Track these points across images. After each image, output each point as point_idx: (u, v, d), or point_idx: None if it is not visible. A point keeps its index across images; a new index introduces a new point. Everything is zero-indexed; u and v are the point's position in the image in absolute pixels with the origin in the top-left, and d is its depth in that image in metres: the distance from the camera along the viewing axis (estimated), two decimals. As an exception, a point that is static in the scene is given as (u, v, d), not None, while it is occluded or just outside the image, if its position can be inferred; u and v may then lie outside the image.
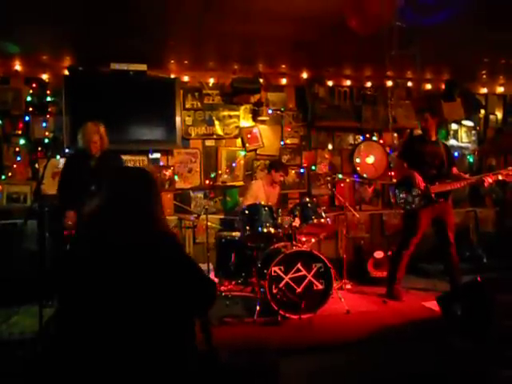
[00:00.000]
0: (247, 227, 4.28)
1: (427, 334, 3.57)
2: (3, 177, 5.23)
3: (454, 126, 6.68)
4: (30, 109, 5.31)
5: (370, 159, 6.21)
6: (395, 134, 6.34)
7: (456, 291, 4.00)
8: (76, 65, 5.24)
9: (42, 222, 3.81)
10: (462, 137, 6.73)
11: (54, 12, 3.92)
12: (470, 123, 6.70)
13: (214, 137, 5.79)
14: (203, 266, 5.02)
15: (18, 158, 5.28)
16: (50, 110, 5.35)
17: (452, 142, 6.63)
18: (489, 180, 4.45)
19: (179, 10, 3.98)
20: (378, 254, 5.39)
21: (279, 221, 4.40)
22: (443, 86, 6.31)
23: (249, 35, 4.58)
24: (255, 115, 5.86)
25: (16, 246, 5.02)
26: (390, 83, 6.28)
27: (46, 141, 5.28)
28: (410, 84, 6.40)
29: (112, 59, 5.14)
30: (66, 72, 5.24)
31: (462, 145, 6.74)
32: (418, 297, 4.68)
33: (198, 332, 2.96)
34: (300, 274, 4.02)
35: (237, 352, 3.19)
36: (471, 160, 6.76)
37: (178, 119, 5.45)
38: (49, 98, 5.35)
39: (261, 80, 5.71)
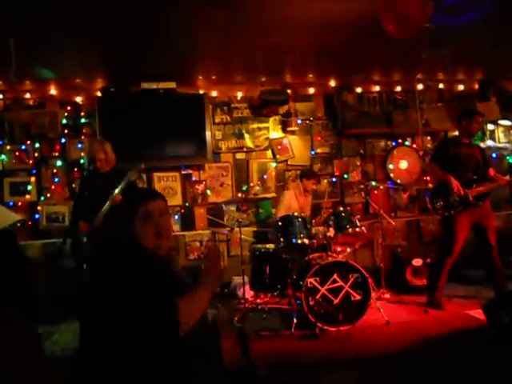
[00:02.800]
0: (281, 239, 4.25)
1: (472, 344, 3.42)
2: (42, 198, 5.41)
3: (490, 127, 6.47)
4: (66, 131, 5.49)
5: (404, 165, 6.09)
6: (428, 138, 6.19)
7: (502, 298, 3.82)
8: (108, 86, 5.40)
9: (77, 241, 3.91)
10: (499, 137, 6.51)
11: (86, 36, 4.06)
12: (507, 122, 6.47)
13: (245, 150, 5.81)
14: (238, 279, 5.02)
15: (56, 179, 5.46)
16: (84, 131, 5.52)
17: (489, 142, 6.42)
18: None
19: (205, 26, 4.04)
20: (417, 262, 5.24)
21: (313, 231, 4.35)
22: (476, 86, 6.16)
23: (275, 46, 4.59)
24: (284, 126, 5.86)
25: (56, 264, 5.16)
26: (420, 86, 6.16)
27: (82, 161, 5.43)
28: (441, 86, 6.26)
29: (142, 79, 5.28)
30: (99, 94, 5.40)
31: (500, 145, 6.51)
32: (461, 305, 4.51)
33: (234, 346, 2.96)
34: (337, 284, 3.95)
35: (275, 366, 3.15)
36: (511, 160, 6.52)
37: (208, 134, 5.51)
38: (83, 120, 5.53)
39: (288, 91, 5.72)
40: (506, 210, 6.35)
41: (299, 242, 4.16)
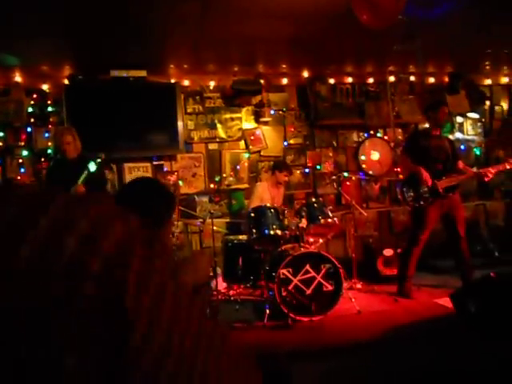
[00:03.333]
0: (254, 230, 4.23)
1: (440, 332, 3.50)
2: (7, 189, 5.21)
3: (459, 119, 6.60)
4: (32, 120, 5.30)
5: (375, 156, 6.15)
6: (399, 130, 6.26)
7: (469, 287, 3.92)
8: (76, 74, 5.23)
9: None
10: (467, 129, 6.65)
11: (52, 23, 3.92)
12: (475, 115, 6.62)
13: (217, 140, 5.75)
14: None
15: (22, 170, 5.27)
16: (51, 120, 5.34)
17: (458, 135, 6.56)
18: (490, 173, 4.39)
19: (176, 14, 3.95)
20: (388, 252, 5.32)
21: (286, 222, 4.35)
22: (447, 79, 6.25)
23: (247, 36, 4.54)
24: (257, 116, 5.82)
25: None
26: (392, 78, 6.22)
27: (49, 151, 5.26)
28: (412, 78, 6.33)
29: (111, 66, 5.14)
30: (66, 81, 5.23)
31: (468, 137, 6.66)
32: (430, 294, 4.60)
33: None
34: (309, 275, 3.96)
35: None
36: (478, 153, 6.67)
37: (180, 124, 5.42)
38: (50, 109, 5.35)
39: (261, 81, 5.68)
40: (474, 201, 6.51)
41: (272, 233, 4.15)
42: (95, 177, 3.89)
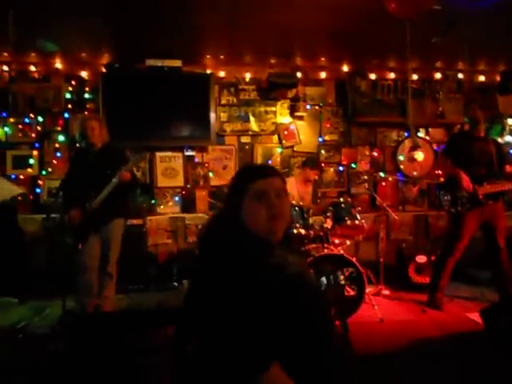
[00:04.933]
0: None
1: (467, 349, 3.26)
2: (44, 172, 5.36)
3: (510, 121, 6.16)
4: (69, 106, 5.41)
5: (418, 157, 5.84)
6: (443, 130, 5.92)
7: (502, 303, 3.64)
8: (113, 62, 5.28)
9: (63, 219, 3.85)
10: (519, 133, 6.20)
11: (92, 10, 3.96)
12: (528, 118, 6.15)
13: (250, 133, 5.65)
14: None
15: (58, 154, 5.39)
16: (88, 106, 5.42)
17: (508, 138, 6.12)
18: None
19: (212, 2, 3.88)
20: (421, 259, 5.05)
21: (311, 221, 4.20)
22: (498, 78, 5.84)
23: (285, 26, 4.40)
24: (292, 111, 5.68)
25: (55, 239, 5.14)
26: (438, 75, 5.88)
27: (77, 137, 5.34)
28: (461, 76, 5.96)
29: (147, 56, 5.14)
30: (104, 69, 5.29)
31: (520, 141, 6.20)
32: (463, 307, 4.32)
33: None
34: (330, 278, 3.80)
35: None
36: (530, 158, 6.21)
37: (212, 115, 5.36)
38: (87, 95, 5.43)
39: (298, 74, 5.52)
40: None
41: (295, 231, 4.01)
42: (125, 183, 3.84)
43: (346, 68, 5.72)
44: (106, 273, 3.84)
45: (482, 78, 6.02)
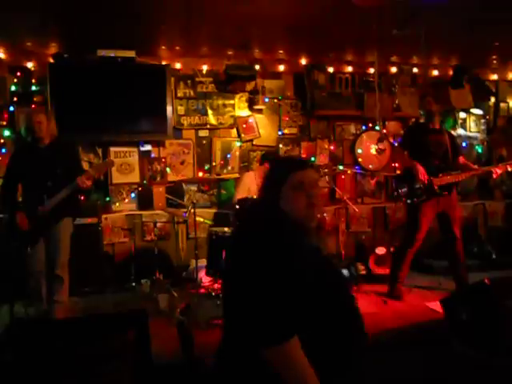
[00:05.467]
0: (238, 223, 4.02)
1: (427, 339, 3.30)
2: (-12, 170, 5.01)
3: (462, 115, 6.36)
4: (15, 99, 5.07)
5: (373, 150, 5.91)
6: (399, 123, 6.01)
7: (462, 293, 3.72)
8: (61, 52, 5.00)
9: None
10: (470, 126, 6.42)
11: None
12: (479, 111, 6.37)
13: (208, 127, 5.52)
14: (193, 263, 4.81)
15: (3, 150, 5.04)
16: (35, 99, 5.10)
17: (460, 131, 6.32)
18: (498, 171, 4.23)
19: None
20: (380, 250, 5.11)
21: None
22: (451, 72, 5.99)
23: (243, 17, 4.28)
24: (251, 104, 5.58)
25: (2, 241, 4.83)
26: (394, 69, 5.96)
27: (22, 132, 5.03)
28: (415, 70, 6.07)
29: (99, 46, 4.90)
30: (51, 60, 5.00)
31: (471, 134, 6.43)
32: (422, 296, 4.40)
33: (176, 339, 2.73)
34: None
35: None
36: (480, 150, 6.44)
37: (169, 108, 5.19)
38: (33, 88, 5.11)
39: (257, 66, 5.44)
40: (473, 201, 6.29)
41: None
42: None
43: (304, 61, 5.69)
44: (56, 276, 3.56)
45: (435, 73, 6.16)
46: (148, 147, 5.37)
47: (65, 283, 3.60)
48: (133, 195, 5.31)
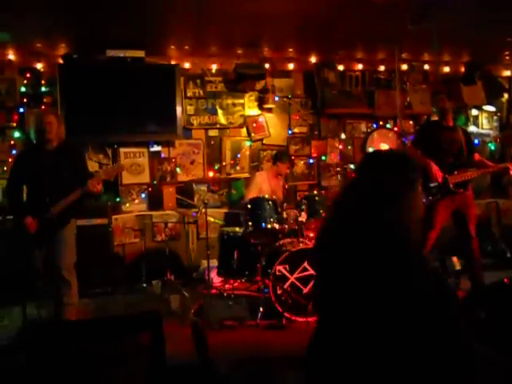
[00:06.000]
0: (250, 223, 3.99)
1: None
2: (-2, 171, 5.01)
3: (474, 112, 6.27)
4: (25, 100, 5.07)
5: (384, 148, 5.84)
6: (410, 121, 5.93)
7: (479, 292, 3.64)
8: (71, 53, 5.00)
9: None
10: (482, 123, 6.33)
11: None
12: (491, 108, 6.27)
13: (218, 126, 5.49)
14: (204, 264, 4.78)
15: (14, 152, 5.05)
16: (45, 100, 5.11)
17: (472, 128, 6.22)
18: None
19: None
20: (393, 250, 5.03)
21: (284, 215, 4.09)
22: (463, 69, 5.91)
23: (252, 16, 4.27)
24: (261, 103, 5.55)
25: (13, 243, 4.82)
26: (405, 67, 5.89)
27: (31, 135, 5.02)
28: (426, 67, 6.00)
29: (108, 46, 4.89)
30: (61, 61, 4.99)
31: (483, 131, 6.33)
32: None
33: (190, 341, 2.69)
34: (307, 273, 3.71)
35: (236, 363, 2.93)
36: (492, 148, 6.34)
37: (178, 108, 5.17)
38: (43, 89, 5.11)
39: (266, 65, 5.41)
40: (486, 199, 6.19)
41: (269, 226, 3.90)
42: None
43: (313, 59, 5.64)
44: (63, 279, 3.50)
45: (446, 69, 6.08)
46: (158, 147, 5.35)
47: (73, 286, 3.54)
48: (143, 196, 5.29)
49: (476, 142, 6.11)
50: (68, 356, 2.33)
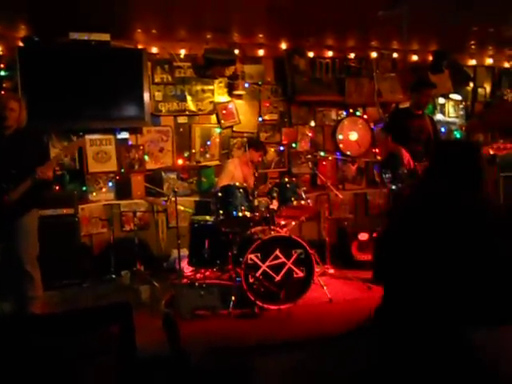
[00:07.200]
0: (221, 211, 3.94)
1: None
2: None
3: (441, 100, 6.37)
4: (-17, 85, 4.82)
5: (354, 136, 5.88)
6: (380, 109, 5.98)
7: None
8: (31, 35, 4.76)
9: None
10: (449, 111, 6.43)
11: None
12: (457, 97, 6.38)
13: (187, 113, 5.37)
14: (174, 253, 4.70)
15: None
16: (4, 85, 4.86)
17: (439, 116, 6.33)
18: None
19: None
20: (363, 236, 5.10)
21: (256, 203, 4.06)
22: (430, 58, 5.98)
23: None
24: (231, 89, 5.46)
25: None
26: (374, 54, 5.92)
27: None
28: (395, 55, 6.03)
29: (71, 28, 4.69)
30: (21, 43, 4.75)
31: (449, 120, 6.44)
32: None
33: (160, 332, 2.63)
34: (279, 261, 3.71)
35: (208, 353, 2.89)
36: (458, 136, 6.47)
37: (146, 94, 5.03)
38: (3, 73, 4.86)
39: (236, 51, 5.31)
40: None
41: (240, 214, 3.86)
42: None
43: (284, 46, 5.58)
44: (24, 272, 3.36)
45: (415, 58, 6.13)
46: (125, 135, 5.20)
47: (36, 278, 3.40)
48: (110, 184, 5.15)
49: (442, 129, 6.24)
50: (34, 351, 2.24)
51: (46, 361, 2.23)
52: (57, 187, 4.78)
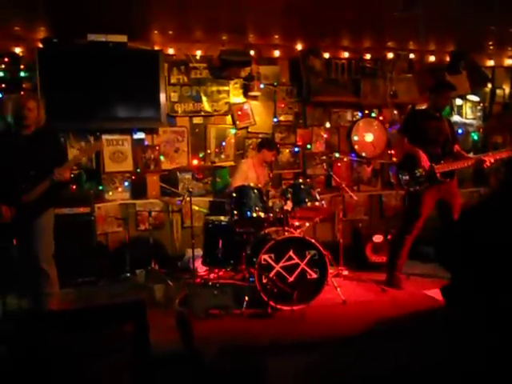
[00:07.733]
0: (235, 211, 3.95)
1: (428, 326, 3.27)
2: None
3: (458, 101, 6.28)
4: (3, 85, 4.91)
5: (369, 137, 5.84)
6: (395, 111, 5.93)
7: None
8: (50, 37, 4.84)
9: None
10: (466, 113, 6.34)
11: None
12: (475, 98, 6.30)
13: (202, 114, 5.40)
14: (188, 253, 4.73)
15: (-9, 139, 4.90)
16: (24, 86, 4.96)
17: (456, 118, 6.25)
18: (490, 160, 4.12)
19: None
20: (377, 238, 5.07)
21: (270, 204, 4.07)
22: (448, 58, 5.92)
23: (238, 0, 4.16)
24: (246, 90, 5.47)
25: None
26: (391, 55, 5.87)
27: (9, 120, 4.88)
28: (412, 56, 5.98)
29: (89, 30, 4.75)
30: (40, 45, 4.84)
31: (467, 121, 6.35)
32: (420, 284, 4.39)
33: (174, 330, 2.66)
34: (292, 262, 3.71)
35: (222, 352, 2.91)
36: (476, 137, 6.39)
37: (162, 95, 5.07)
38: (22, 74, 4.96)
39: (251, 52, 5.32)
40: (468, 188, 6.25)
41: (254, 215, 3.88)
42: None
43: (299, 46, 5.57)
44: (40, 270, 3.40)
45: (432, 59, 6.07)
46: (141, 135, 5.25)
47: (52, 276, 3.46)
48: (126, 184, 5.21)
49: (460, 131, 6.17)
50: (50, 346, 2.28)
51: (61, 357, 2.27)
52: (73, 186, 4.85)
